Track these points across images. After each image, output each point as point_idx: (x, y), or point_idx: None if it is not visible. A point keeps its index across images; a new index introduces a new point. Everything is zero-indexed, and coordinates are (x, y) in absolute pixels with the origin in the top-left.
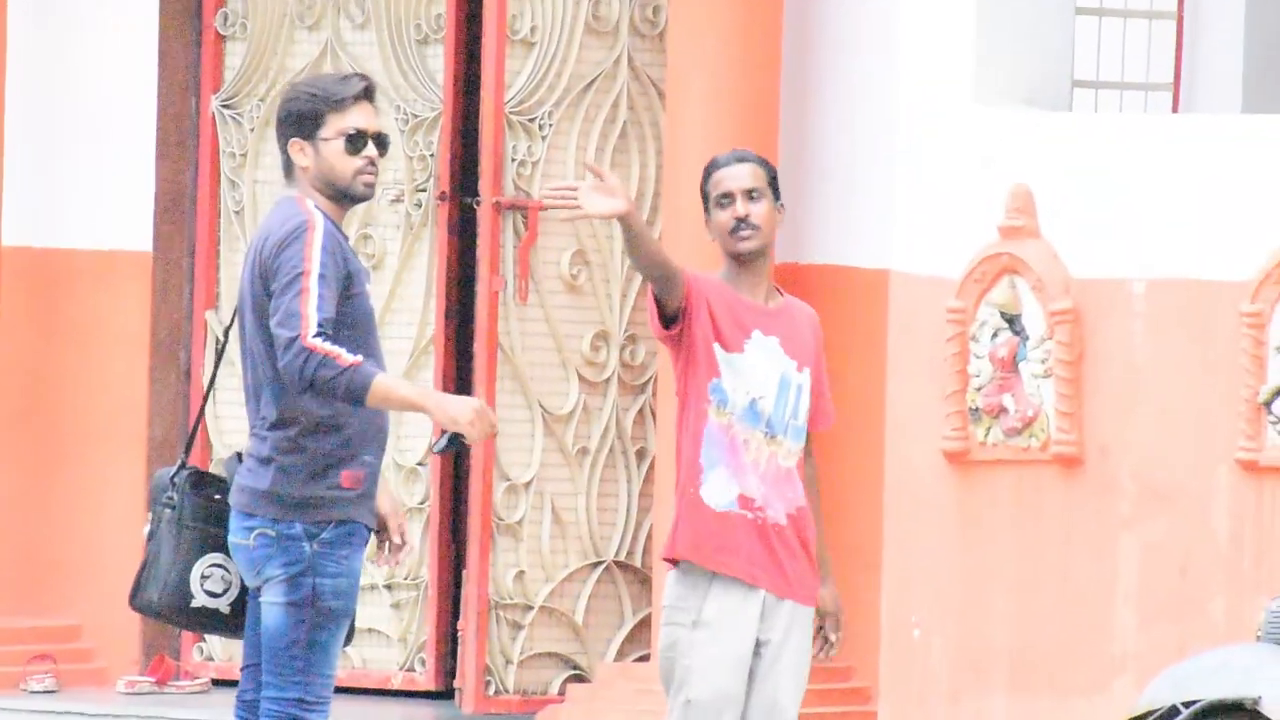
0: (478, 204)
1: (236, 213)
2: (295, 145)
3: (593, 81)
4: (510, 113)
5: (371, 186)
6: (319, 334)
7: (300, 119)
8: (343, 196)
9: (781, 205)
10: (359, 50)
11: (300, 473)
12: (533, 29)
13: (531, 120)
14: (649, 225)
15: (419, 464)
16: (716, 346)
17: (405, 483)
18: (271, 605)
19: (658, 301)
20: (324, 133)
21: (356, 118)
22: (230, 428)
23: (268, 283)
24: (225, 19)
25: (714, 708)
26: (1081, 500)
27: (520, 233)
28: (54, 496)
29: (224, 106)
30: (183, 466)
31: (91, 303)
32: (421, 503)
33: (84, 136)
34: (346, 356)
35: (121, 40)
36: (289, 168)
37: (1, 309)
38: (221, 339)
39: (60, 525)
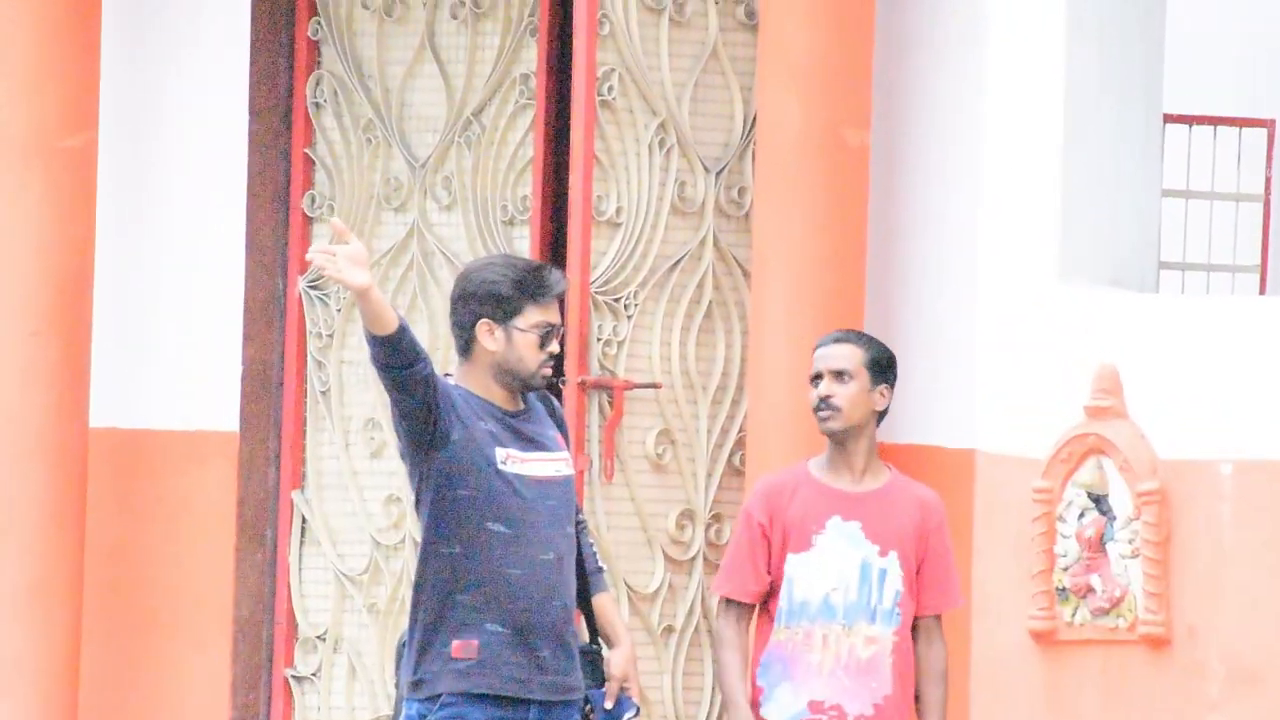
0: (563, 383)
1: (323, 393)
2: (485, 326)
3: (678, 262)
4: (596, 292)
5: (547, 378)
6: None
7: (498, 301)
8: (521, 384)
9: (886, 389)
10: (445, 232)
11: (413, 645)
12: (618, 210)
13: (617, 300)
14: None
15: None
16: (787, 555)
17: None
18: None
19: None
20: (519, 322)
21: (553, 313)
22: (315, 606)
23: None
24: (312, 200)
25: None
26: (1170, 681)
27: (606, 412)
28: (140, 675)
29: (310, 287)
30: None
31: (178, 483)
32: None
33: (171, 317)
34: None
35: (209, 221)
36: (468, 346)
37: (89, 489)
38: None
39: (146, 703)
